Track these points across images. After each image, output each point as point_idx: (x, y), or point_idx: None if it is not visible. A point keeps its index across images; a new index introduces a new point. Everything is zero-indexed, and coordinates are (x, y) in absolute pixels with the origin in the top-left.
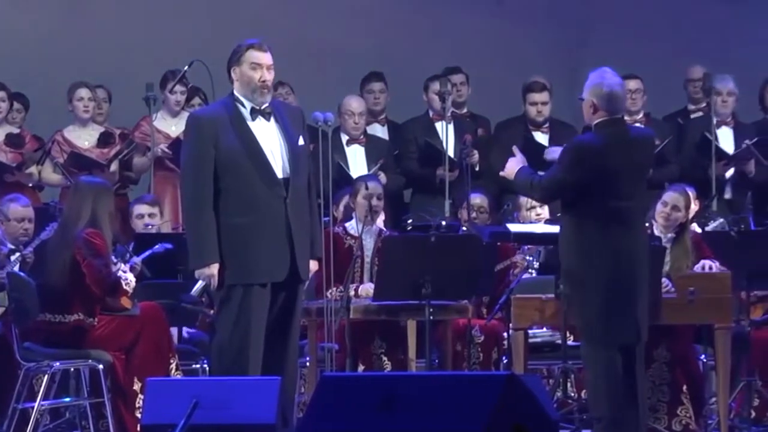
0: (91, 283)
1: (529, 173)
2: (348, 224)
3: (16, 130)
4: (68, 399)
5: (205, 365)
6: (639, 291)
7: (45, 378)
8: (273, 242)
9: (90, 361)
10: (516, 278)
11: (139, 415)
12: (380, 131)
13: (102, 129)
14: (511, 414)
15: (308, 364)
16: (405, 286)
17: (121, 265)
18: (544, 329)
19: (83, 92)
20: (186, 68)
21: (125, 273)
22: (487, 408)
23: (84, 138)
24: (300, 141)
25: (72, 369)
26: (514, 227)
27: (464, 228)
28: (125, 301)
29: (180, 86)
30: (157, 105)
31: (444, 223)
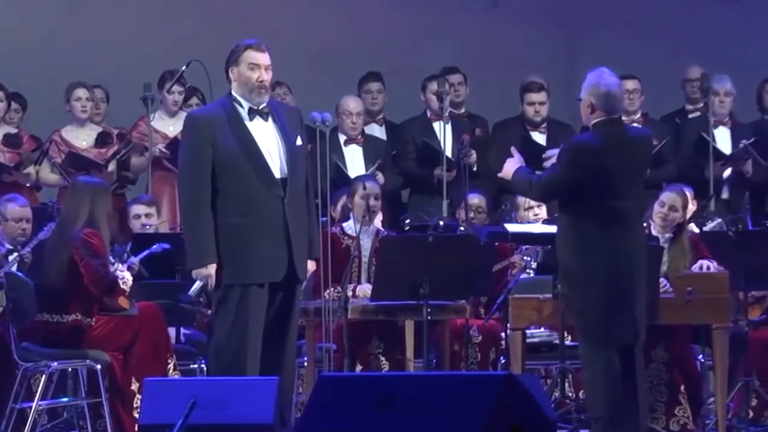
0: (89, 283)
1: (527, 173)
2: (345, 224)
3: (14, 130)
4: (66, 399)
5: (203, 365)
6: (637, 291)
7: (43, 378)
8: (271, 242)
9: (88, 361)
10: (514, 278)
11: (137, 415)
12: (378, 131)
13: (100, 129)
14: (509, 414)
15: (306, 364)
16: (403, 286)
17: (119, 265)
18: (542, 329)
19: (81, 92)
20: (184, 68)
21: (123, 273)
22: (485, 408)
23: (82, 138)
24: (298, 141)
25: (70, 369)
26: (512, 227)
27: (462, 228)
28: (123, 301)
29: (178, 86)
30: (155, 105)
31: (442, 223)
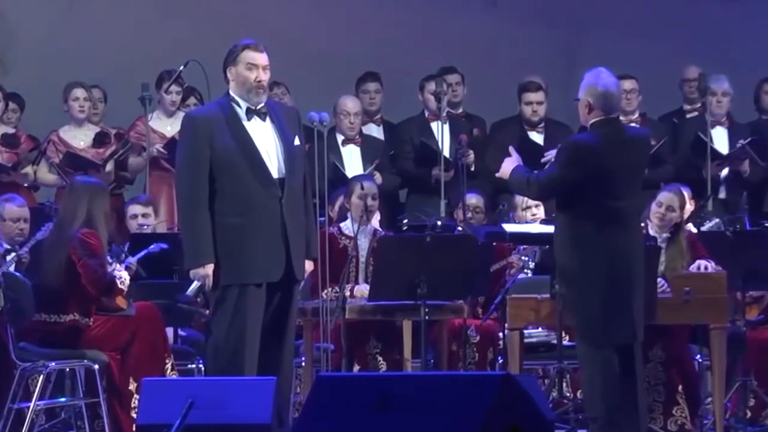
0: (87, 283)
1: (525, 171)
2: (343, 224)
3: (12, 130)
4: (64, 399)
5: (201, 365)
6: (635, 290)
7: (40, 378)
8: (268, 242)
9: (85, 361)
10: (512, 278)
11: (135, 415)
12: (376, 131)
13: (97, 129)
14: (507, 414)
15: (304, 364)
16: (400, 286)
17: (117, 265)
18: (540, 329)
19: (79, 92)
20: (181, 68)
21: (120, 273)
22: (483, 408)
23: (79, 138)
24: (296, 141)
25: (67, 369)
26: (510, 227)
27: (460, 228)
28: (121, 301)
29: (175, 86)
30: (153, 105)
31: (439, 223)
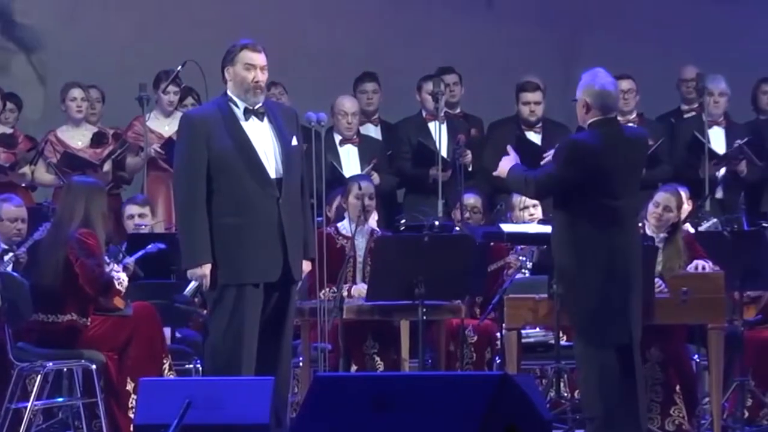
0: (84, 284)
1: (522, 169)
2: (340, 224)
3: (9, 131)
4: (61, 399)
5: (198, 365)
6: (633, 290)
7: (38, 378)
8: (266, 242)
9: (83, 361)
10: (509, 278)
11: (132, 416)
12: (373, 131)
13: (95, 129)
14: (504, 414)
15: (301, 364)
16: (398, 286)
17: (114, 266)
18: (537, 329)
19: (76, 92)
20: (179, 68)
21: (118, 273)
22: (480, 408)
23: (77, 138)
24: (293, 141)
25: (65, 369)
26: (508, 227)
27: (457, 228)
28: (118, 302)
29: (173, 86)
30: (150, 105)
31: (437, 223)
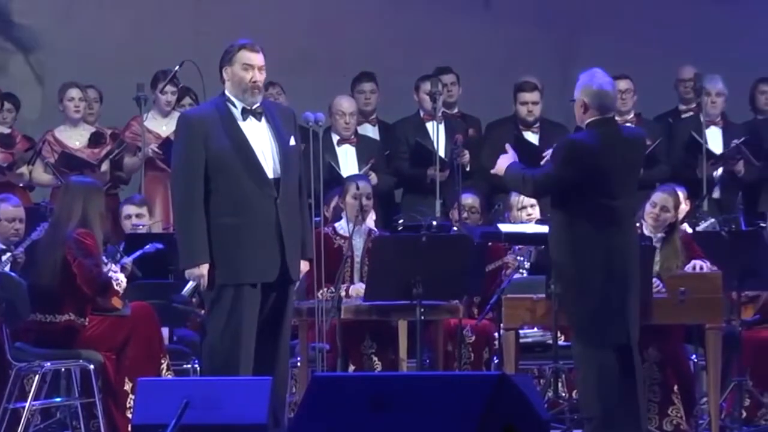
0: (82, 283)
1: (520, 168)
2: (337, 224)
3: (7, 131)
4: (59, 399)
5: (196, 365)
6: (631, 290)
7: (36, 378)
8: (263, 242)
9: (81, 361)
10: (507, 278)
11: (130, 416)
12: (371, 131)
13: (93, 129)
14: (502, 414)
15: (299, 365)
16: (396, 287)
17: (112, 266)
18: (535, 329)
19: (74, 92)
20: (177, 68)
21: (116, 273)
22: (478, 408)
23: (75, 138)
24: (291, 141)
25: (63, 369)
26: (505, 227)
27: (455, 228)
28: (116, 302)
29: (171, 86)
30: (148, 105)
31: (435, 223)
